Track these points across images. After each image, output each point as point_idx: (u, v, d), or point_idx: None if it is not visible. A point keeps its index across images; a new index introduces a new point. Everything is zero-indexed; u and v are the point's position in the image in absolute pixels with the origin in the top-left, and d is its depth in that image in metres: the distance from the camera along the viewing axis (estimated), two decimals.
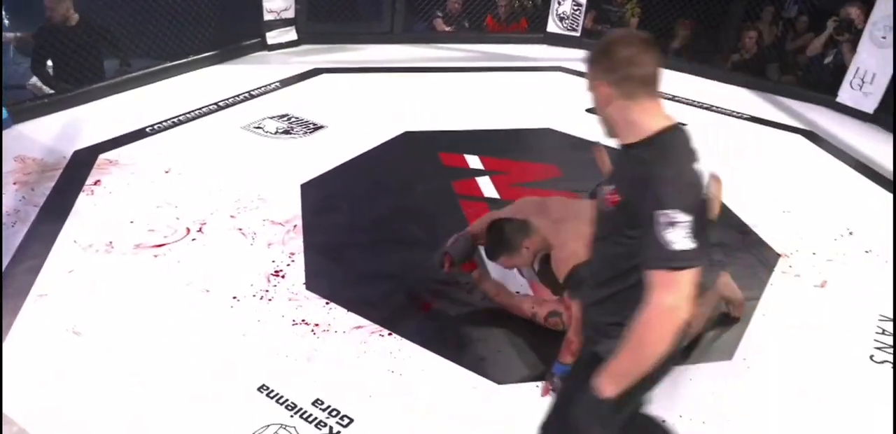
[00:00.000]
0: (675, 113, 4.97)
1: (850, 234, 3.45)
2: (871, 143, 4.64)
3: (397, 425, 2.13)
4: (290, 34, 5.88)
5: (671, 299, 1.32)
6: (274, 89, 4.89)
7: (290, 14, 5.70)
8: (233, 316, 2.56)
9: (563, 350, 2.26)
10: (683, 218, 1.31)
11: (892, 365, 2.54)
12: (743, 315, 2.74)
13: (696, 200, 1.36)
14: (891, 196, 3.92)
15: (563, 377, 2.13)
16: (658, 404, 2.26)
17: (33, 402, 2.10)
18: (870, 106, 4.96)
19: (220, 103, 4.51)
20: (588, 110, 4.83)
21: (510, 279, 2.80)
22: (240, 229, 3.11)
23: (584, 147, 4.28)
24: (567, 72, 5.71)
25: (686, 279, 1.33)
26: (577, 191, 3.66)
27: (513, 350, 2.49)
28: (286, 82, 5.05)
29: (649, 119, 1.44)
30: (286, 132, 4.21)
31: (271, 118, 4.37)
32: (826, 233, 3.45)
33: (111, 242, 2.92)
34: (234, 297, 2.65)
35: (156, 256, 2.86)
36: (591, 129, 4.48)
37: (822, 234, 3.44)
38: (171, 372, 2.26)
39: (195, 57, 5.14)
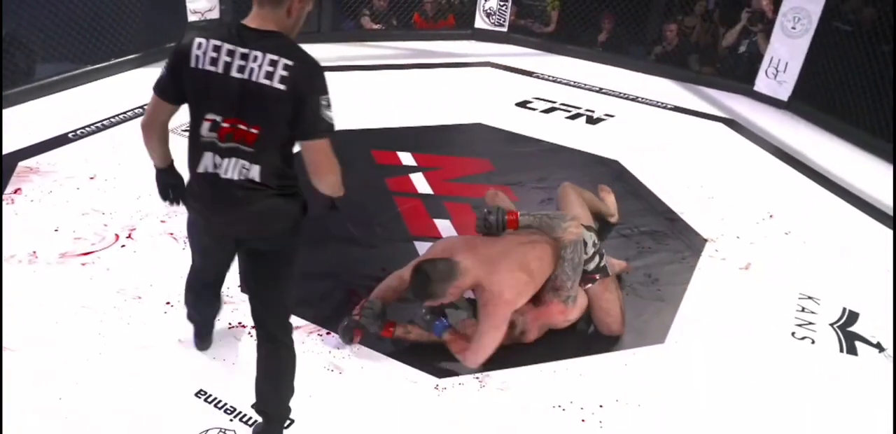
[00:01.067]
0: (601, 105, 5.14)
1: (771, 217, 3.62)
2: (787, 130, 4.88)
3: (339, 423, 2.14)
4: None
5: (326, 144, 1.71)
6: None
7: (216, 14, 5.56)
8: (167, 322, 2.50)
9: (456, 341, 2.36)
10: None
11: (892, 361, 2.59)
12: (671, 298, 2.86)
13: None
14: (805, 178, 4.13)
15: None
16: (595, 390, 2.36)
17: None
18: (784, 94, 5.21)
19: (145, 107, 4.38)
20: (518, 104, 4.99)
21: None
22: (171, 234, 3.04)
23: (515, 141, 4.39)
24: (496, 67, 5.78)
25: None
26: (510, 184, 3.73)
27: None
28: None
29: None
30: None
31: None
32: (749, 217, 3.60)
33: (34, 252, 2.82)
34: (168, 303, 2.59)
35: (83, 265, 2.77)
36: (521, 124, 4.65)
37: (745, 218, 3.59)
38: (104, 381, 2.20)
39: (118, 60, 4.98)
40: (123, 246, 2.92)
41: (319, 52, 1.87)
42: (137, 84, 4.78)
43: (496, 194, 2.92)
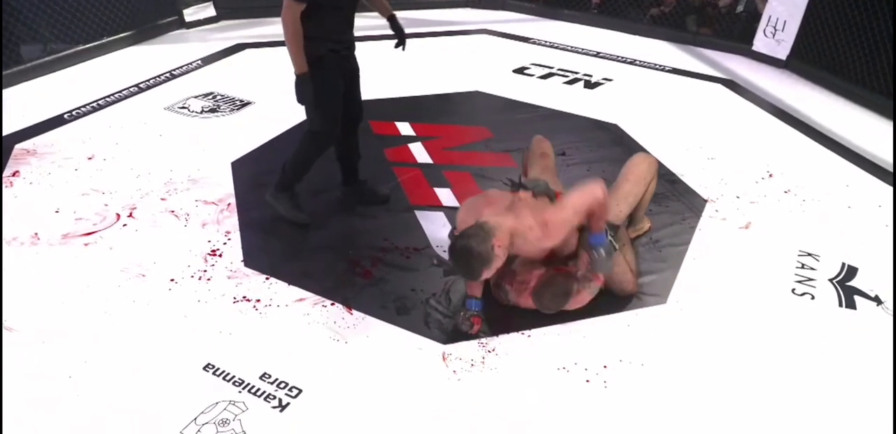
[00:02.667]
0: (599, 69, 5.09)
1: (770, 176, 3.61)
2: (786, 89, 4.83)
3: (346, 391, 2.17)
4: (209, 10, 5.71)
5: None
6: (196, 68, 4.76)
7: None
8: (172, 298, 2.53)
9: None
10: None
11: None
12: (673, 259, 2.87)
13: None
14: (804, 137, 4.11)
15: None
16: (599, 351, 2.38)
17: None
18: (783, 53, 5.14)
19: (141, 85, 4.37)
20: (515, 71, 4.93)
21: None
22: (172, 211, 3.05)
23: (513, 108, 4.36)
24: (492, 34, 5.72)
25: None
26: (510, 151, 3.73)
27: (457, 309, 2.55)
28: (208, 60, 4.91)
29: None
30: (212, 111, 4.12)
31: (196, 97, 4.27)
32: (748, 177, 3.59)
33: (36, 234, 2.84)
34: (172, 280, 2.62)
35: (86, 245, 2.79)
36: (519, 90, 4.61)
37: (744, 178, 3.58)
38: (113, 359, 2.24)
39: (110, 38, 4.94)
40: (125, 225, 2.94)
41: None
42: (132, 62, 4.76)
43: (544, 155, 2.90)
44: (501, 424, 2.09)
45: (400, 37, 2.92)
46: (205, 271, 2.68)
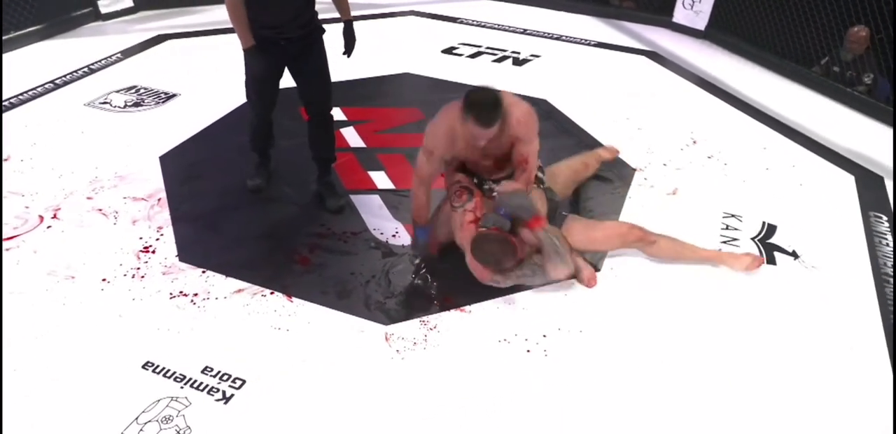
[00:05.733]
0: (526, 46, 5.13)
1: (694, 142, 3.73)
2: (706, 59, 5.00)
3: (291, 379, 2.18)
4: (126, 1, 5.50)
5: None
6: (116, 61, 4.60)
7: None
8: (105, 299, 2.48)
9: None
10: None
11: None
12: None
13: None
14: (724, 104, 4.26)
15: None
16: (537, 321, 2.45)
17: None
18: (701, 24, 5.31)
19: (58, 81, 4.20)
20: (444, 51, 4.93)
21: None
22: (99, 210, 2.97)
23: (443, 88, 4.36)
24: (420, 15, 5.69)
25: None
26: None
27: (397, 290, 2.58)
28: (128, 52, 4.75)
29: None
30: (136, 105, 4.00)
31: (118, 92, 4.13)
32: (674, 145, 3.71)
33: None
34: (104, 280, 2.56)
35: (7, 250, 2.70)
36: (449, 70, 4.61)
37: (670, 146, 3.70)
38: (46, 365, 2.18)
39: (18, 32, 4.71)
40: (49, 227, 2.85)
41: None
42: (44, 58, 4.56)
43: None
44: (447, 399, 2.13)
45: (349, 44, 3.01)
46: (138, 269, 2.63)
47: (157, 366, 2.19)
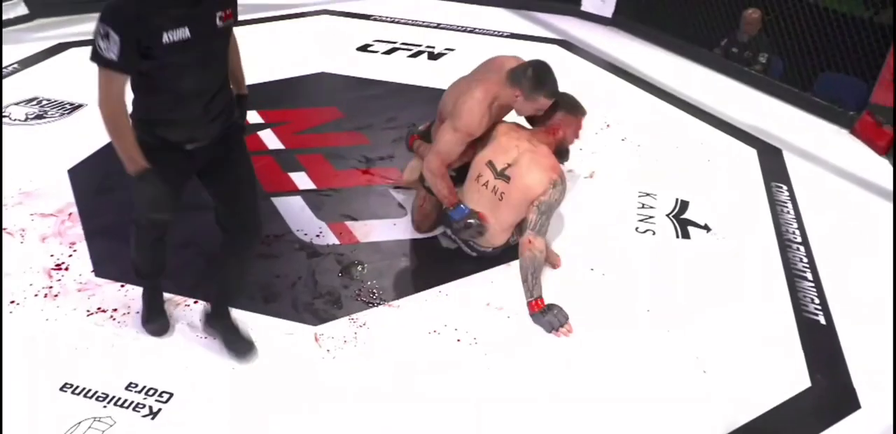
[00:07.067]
0: (441, 40, 5.14)
1: (608, 126, 3.84)
2: (614, 45, 5.17)
3: (220, 388, 2.14)
4: (20, 8, 5.23)
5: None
6: (13, 72, 4.38)
7: None
8: (15, 322, 2.36)
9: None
10: None
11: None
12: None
13: None
14: (633, 87, 4.41)
15: None
16: (466, 310, 2.48)
17: None
18: (608, 11, 5.47)
19: None
20: (359, 49, 4.91)
21: None
22: (4, 229, 2.84)
23: (360, 85, 4.35)
24: (332, 14, 5.64)
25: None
26: (360, 129, 3.74)
27: (324, 290, 2.56)
28: (27, 62, 4.53)
29: None
30: (39, 117, 3.83)
31: (17, 104, 3.94)
32: (589, 129, 3.79)
33: None
34: (13, 302, 2.45)
35: None
36: (364, 68, 4.59)
37: (585, 130, 3.77)
38: None
39: None
40: None
41: None
42: None
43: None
44: (381, 394, 2.14)
45: (241, 117, 2.36)
46: (50, 287, 2.53)
47: (77, 386, 2.11)
